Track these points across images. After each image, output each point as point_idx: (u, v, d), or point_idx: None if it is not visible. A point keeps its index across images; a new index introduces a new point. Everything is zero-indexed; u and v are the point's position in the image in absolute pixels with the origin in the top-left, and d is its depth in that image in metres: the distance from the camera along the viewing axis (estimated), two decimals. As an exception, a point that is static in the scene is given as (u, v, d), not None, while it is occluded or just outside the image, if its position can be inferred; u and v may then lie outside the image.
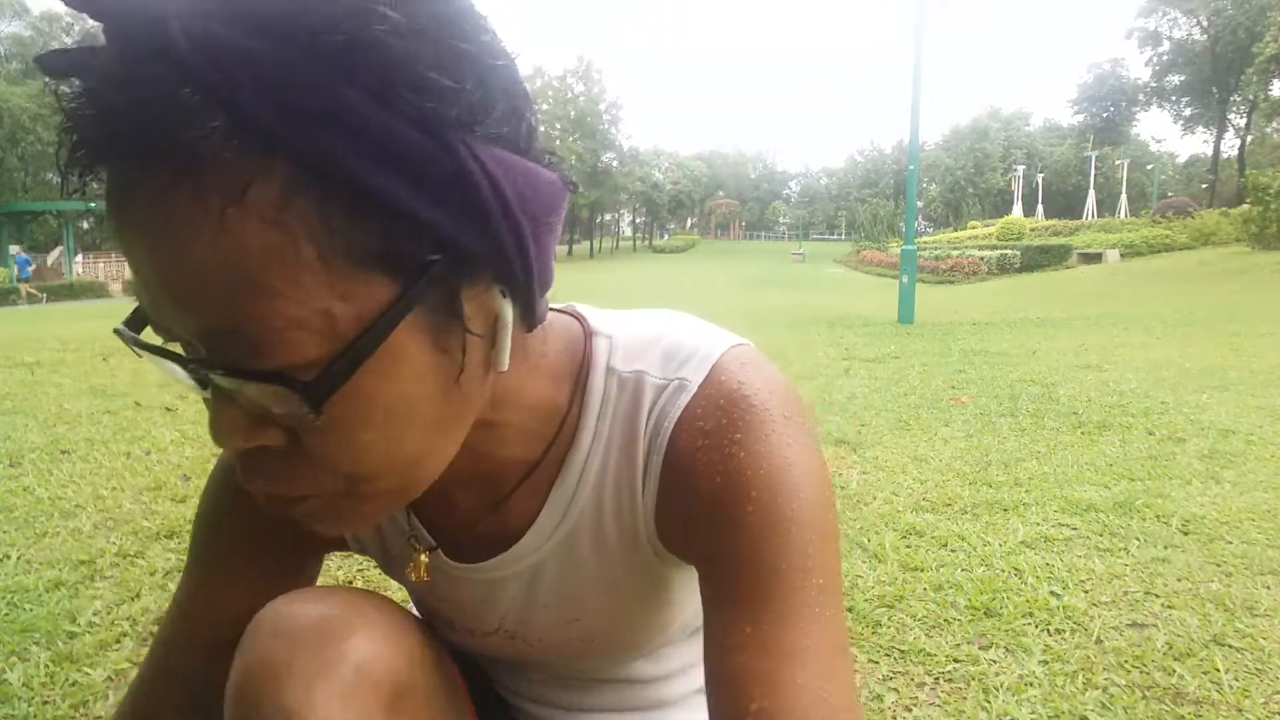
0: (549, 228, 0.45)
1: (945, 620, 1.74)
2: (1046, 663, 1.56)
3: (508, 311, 0.45)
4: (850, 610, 1.79)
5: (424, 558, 0.62)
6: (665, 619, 0.69)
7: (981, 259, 22.22)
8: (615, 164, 61.13)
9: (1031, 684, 1.49)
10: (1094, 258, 22.21)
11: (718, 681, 0.49)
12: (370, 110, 0.36)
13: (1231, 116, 50.55)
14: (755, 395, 0.54)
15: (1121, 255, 21.77)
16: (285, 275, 0.37)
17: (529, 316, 0.48)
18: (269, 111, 0.35)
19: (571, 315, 0.61)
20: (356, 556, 2.08)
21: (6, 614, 1.75)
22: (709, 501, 0.53)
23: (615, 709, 0.74)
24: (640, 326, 0.61)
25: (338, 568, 2.01)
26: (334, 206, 0.37)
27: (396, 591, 1.64)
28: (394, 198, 0.38)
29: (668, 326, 0.61)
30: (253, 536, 0.63)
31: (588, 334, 0.59)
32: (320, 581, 0.74)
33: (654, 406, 0.56)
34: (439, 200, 0.39)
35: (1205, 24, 47.68)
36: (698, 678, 0.75)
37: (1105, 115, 63.82)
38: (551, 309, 0.59)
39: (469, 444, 0.51)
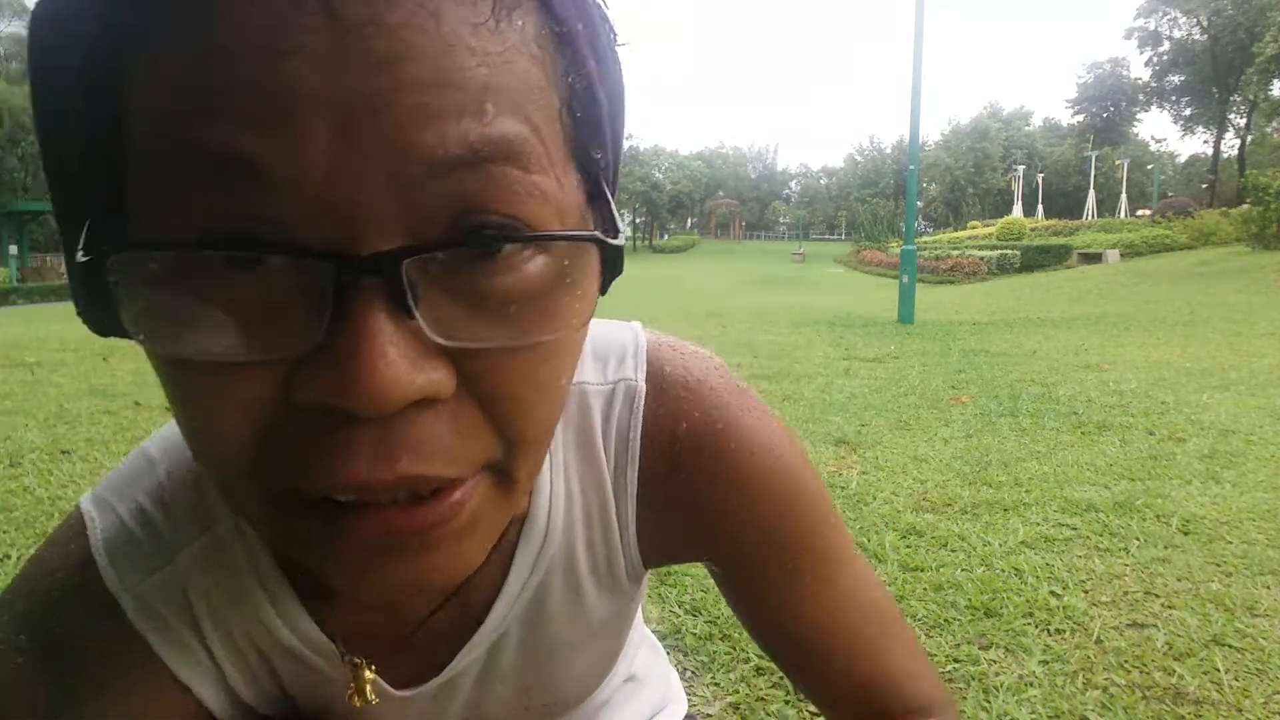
0: None
1: (945, 620, 1.74)
2: (1046, 663, 1.56)
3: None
4: (850, 610, 1.79)
5: (368, 673, 0.48)
6: (617, 657, 0.63)
7: (981, 259, 22.20)
8: (615, 164, 60.96)
9: (1031, 684, 1.49)
10: (1094, 258, 22.18)
11: (798, 653, 0.54)
12: (600, 7, 0.33)
13: (1231, 116, 50.55)
14: (707, 379, 0.51)
15: (1121, 255, 21.76)
16: (545, 122, 0.30)
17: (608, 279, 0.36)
18: None
19: None
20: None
21: (6, 614, 1.75)
22: (716, 502, 0.50)
23: None
24: None
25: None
26: (577, 84, 0.32)
27: None
28: (613, 108, 0.34)
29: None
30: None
31: None
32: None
33: (608, 418, 0.49)
34: (617, 121, 0.35)
35: (1205, 24, 47.69)
36: (624, 671, 0.70)
37: (1105, 115, 63.81)
38: None
39: None
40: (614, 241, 0.32)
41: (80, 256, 0.28)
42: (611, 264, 0.32)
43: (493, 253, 0.29)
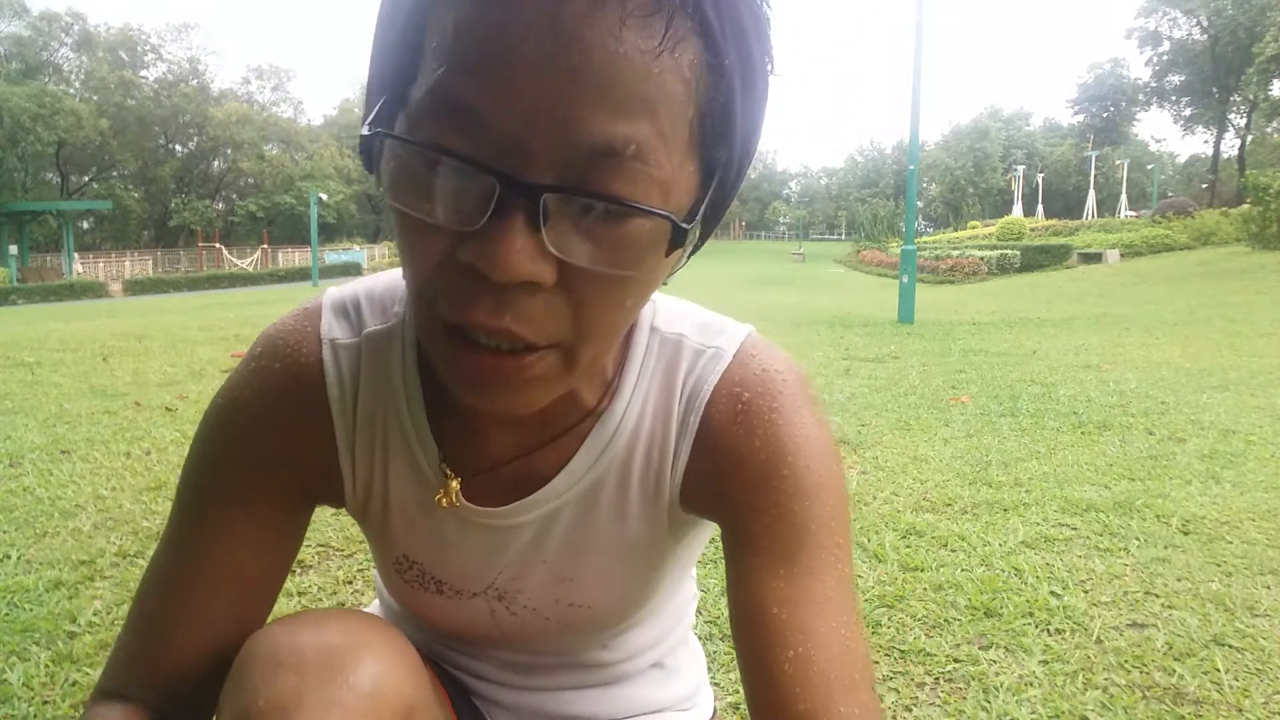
0: None
1: (945, 620, 1.74)
2: (1046, 663, 1.56)
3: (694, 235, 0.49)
4: (850, 610, 1.79)
5: (455, 484, 0.61)
6: (645, 597, 0.70)
7: (981, 259, 22.16)
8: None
9: (1031, 684, 1.49)
10: (1094, 258, 22.17)
11: (754, 629, 0.56)
12: (764, 44, 0.44)
13: (1231, 116, 50.58)
14: (784, 373, 0.61)
15: (1121, 255, 21.75)
16: (674, 128, 0.42)
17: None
18: (711, 6, 0.41)
19: None
20: (359, 557, 2.08)
21: (6, 614, 1.75)
22: (748, 464, 0.58)
23: (575, 687, 0.75)
24: (670, 299, 0.66)
25: (338, 567, 2.01)
26: (715, 101, 0.43)
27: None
28: (747, 121, 0.45)
29: (692, 305, 0.67)
30: (257, 478, 0.61)
31: None
32: (321, 580, 0.74)
33: (692, 369, 0.61)
34: (751, 132, 0.47)
35: (1205, 24, 47.68)
36: (654, 655, 0.78)
37: (1105, 115, 63.75)
38: None
39: None
40: (682, 225, 0.44)
41: (365, 130, 0.44)
42: (678, 240, 0.44)
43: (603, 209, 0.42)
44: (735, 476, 0.59)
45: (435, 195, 0.42)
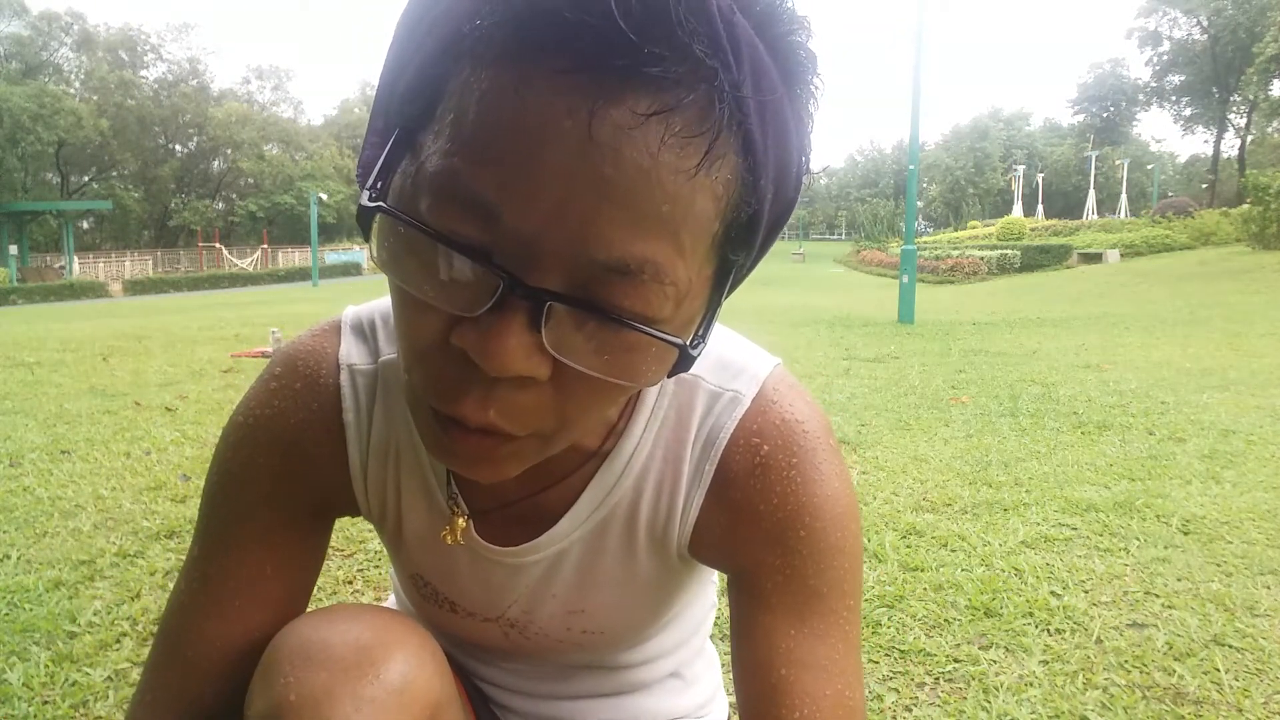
0: None
1: (945, 620, 1.74)
2: (1046, 663, 1.56)
3: None
4: (850, 610, 1.79)
5: (462, 522, 0.60)
6: (659, 620, 0.70)
7: (982, 259, 22.15)
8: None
9: (1031, 684, 1.49)
10: (1094, 258, 22.18)
11: (759, 685, 0.55)
12: (804, 145, 0.42)
13: (1231, 116, 50.55)
14: (806, 423, 0.58)
15: (1121, 255, 21.76)
16: (696, 243, 0.39)
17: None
18: (757, 119, 0.38)
19: None
20: (358, 557, 2.08)
21: (6, 614, 1.75)
22: (764, 520, 0.56)
23: (591, 695, 0.76)
24: None
25: (338, 567, 2.01)
26: (743, 213, 0.40)
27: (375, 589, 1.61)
28: (772, 224, 0.43)
29: (715, 334, 0.62)
30: (276, 496, 0.61)
31: None
32: (321, 580, 0.74)
33: (707, 413, 0.58)
34: (774, 234, 0.45)
35: (1205, 24, 47.67)
36: (671, 663, 0.78)
37: (1105, 115, 63.71)
38: None
39: None
40: (692, 352, 0.42)
41: (365, 199, 0.41)
42: (684, 364, 0.42)
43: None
44: (749, 532, 0.57)
45: (434, 275, 0.39)
